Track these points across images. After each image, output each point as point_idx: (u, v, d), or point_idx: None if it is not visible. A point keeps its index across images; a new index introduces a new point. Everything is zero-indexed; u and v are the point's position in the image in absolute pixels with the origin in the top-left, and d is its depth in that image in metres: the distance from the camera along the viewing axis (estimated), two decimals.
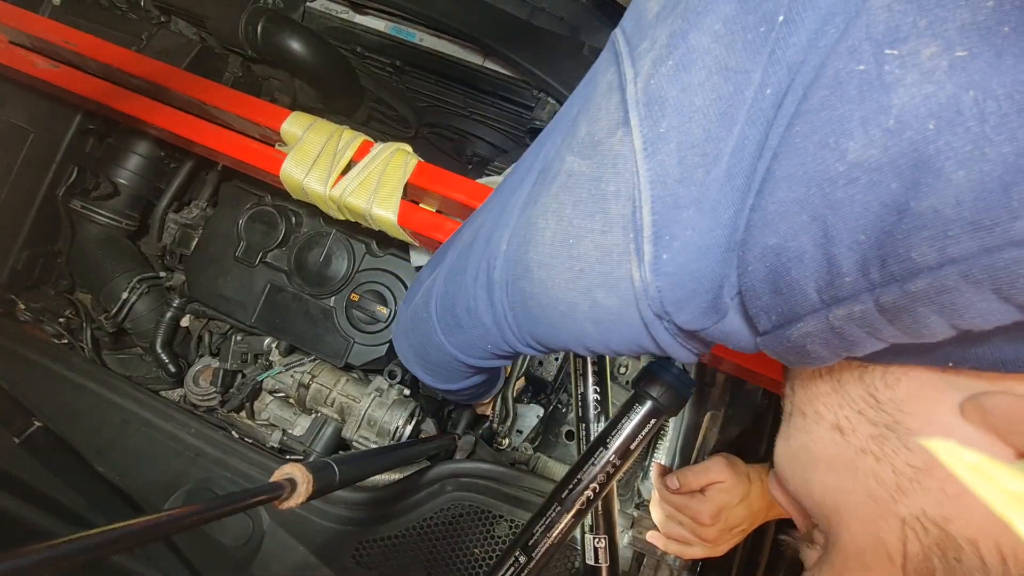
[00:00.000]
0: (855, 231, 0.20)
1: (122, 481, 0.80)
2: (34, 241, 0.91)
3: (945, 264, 0.18)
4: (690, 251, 0.25)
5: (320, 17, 1.04)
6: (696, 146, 0.24)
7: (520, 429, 0.96)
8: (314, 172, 0.73)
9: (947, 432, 0.22)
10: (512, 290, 0.34)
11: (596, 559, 0.62)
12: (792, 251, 0.22)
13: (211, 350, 0.99)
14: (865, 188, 0.19)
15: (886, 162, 0.19)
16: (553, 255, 0.31)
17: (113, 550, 0.29)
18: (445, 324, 0.45)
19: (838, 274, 0.21)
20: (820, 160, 0.20)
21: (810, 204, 0.21)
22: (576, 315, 0.31)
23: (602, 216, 0.28)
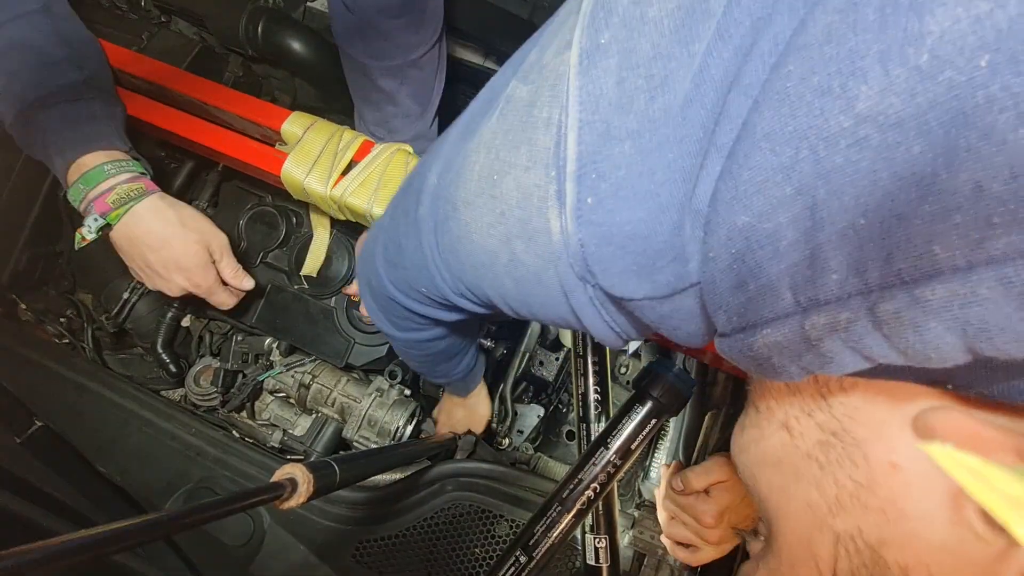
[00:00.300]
0: (853, 212, 0.15)
1: (123, 480, 0.80)
2: (35, 241, 0.91)
3: (980, 265, 0.13)
4: (624, 198, 0.20)
5: (321, 16, 1.04)
6: (640, 65, 0.19)
7: (521, 429, 0.96)
8: (315, 172, 0.73)
9: (893, 448, 0.20)
10: (440, 230, 0.29)
11: (597, 559, 0.62)
12: (766, 235, 0.17)
13: (212, 350, 0.99)
14: (876, 152, 0.14)
15: (911, 114, 0.13)
16: (478, 192, 0.25)
17: (114, 549, 0.29)
18: (386, 260, 0.41)
19: (822, 270, 0.16)
20: (817, 112, 0.15)
21: (797, 172, 0.16)
22: (496, 267, 0.26)
23: (528, 148, 0.23)
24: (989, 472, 0.16)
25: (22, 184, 0.87)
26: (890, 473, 0.20)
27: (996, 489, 0.15)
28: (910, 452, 0.19)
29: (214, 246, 0.74)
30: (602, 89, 0.20)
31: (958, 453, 0.16)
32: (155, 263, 0.70)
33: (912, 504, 0.19)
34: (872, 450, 0.20)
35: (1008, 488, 0.15)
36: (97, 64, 0.71)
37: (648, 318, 0.23)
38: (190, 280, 0.72)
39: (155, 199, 0.69)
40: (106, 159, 0.66)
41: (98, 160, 0.66)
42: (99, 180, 0.66)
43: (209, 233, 0.74)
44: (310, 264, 0.90)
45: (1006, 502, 0.15)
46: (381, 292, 0.43)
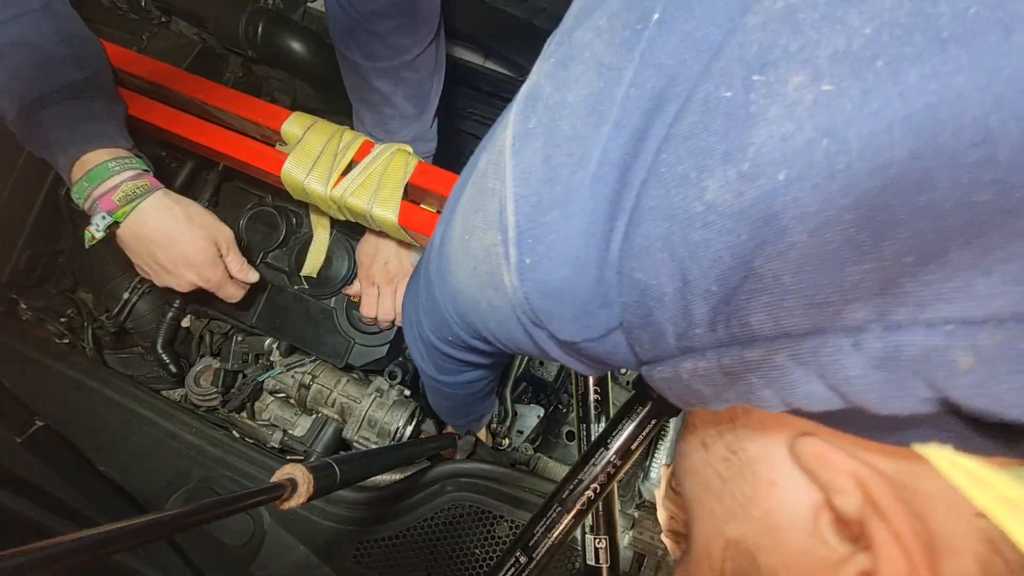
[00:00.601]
0: (709, 280, 0.18)
1: (124, 480, 0.80)
2: (36, 241, 0.91)
3: (779, 337, 0.17)
4: (555, 257, 0.24)
5: (320, 18, 1.04)
6: (563, 144, 0.23)
7: (520, 429, 0.96)
8: (315, 172, 0.73)
9: (774, 467, 0.23)
10: (442, 281, 0.35)
11: (597, 559, 0.62)
12: (654, 290, 0.20)
13: (212, 350, 0.99)
14: (718, 234, 0.18)
15: (738, 210, 0.17)
16: (459, 250, 0.30)
17: (115, 549, 0.29)
18: (423, 309, 0.45)
19: (691, 324, 0.20)
20: (682, 195, 0.19)
21: (671, 242, 0.19)
22: (481, 312, 0.31)
23: (483, 213, 0.27)
24: (986, 475, 0.16)
25: (23, 183, 0.87)
26: (770, 489, 0.23)
27: (993, 492, 0.15)
28: (786, 471, 0.23)
29: (221, 241, 0.75)
30: (532, 166, 0.24)
31: (956, 456, 0.16)
32: (164, 260, 0.71)
33: (783, 516, 0.22)
34: (759, 468, 0.24)
35: (1005, 491, 0.15)
36: (98, 63, 0.71)
37: (595, 356, 0.27)
38: (200, 275, 0.73)
39: (160, 196, 0.70)
40: (110, 156, 0.67)
41: (102, 158, 0.66)
42: (104, 177, 0.66)
43: (215, 228, 0.74)
44: (310, 264, 0.91)
45: (1002, 505, 0.15)
46: (424, 338, 0.48)
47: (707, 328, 0.19)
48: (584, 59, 0.23)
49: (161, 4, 1.00)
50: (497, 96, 1.03)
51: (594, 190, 0.22)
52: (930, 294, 0.15)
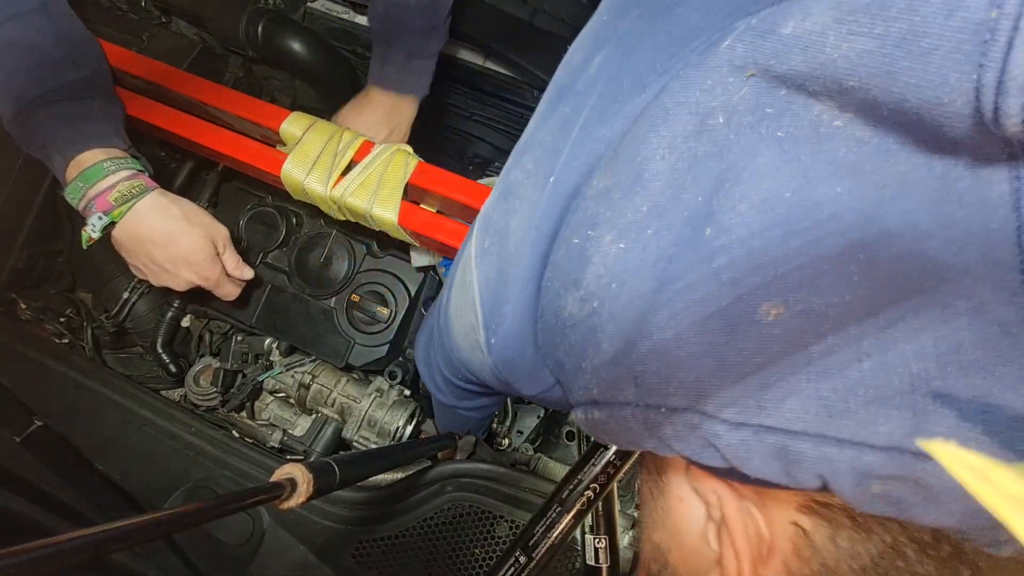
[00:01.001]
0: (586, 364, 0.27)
1: (123, 480, 0.80)
2: (35, 240, 0.91)
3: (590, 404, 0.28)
4: (508, 339, 0.33)
5: (320, 18, 1.04)
6: (509, 258, 0.32)
7: (520, 430, 0.96)
8: (315, 173, 0.73)
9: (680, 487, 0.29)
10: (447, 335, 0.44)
11: (597, 559, 0.62)
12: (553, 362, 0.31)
13: (212, 350, 0.99)
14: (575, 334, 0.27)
15: (579, 321, 0.26)
16: (454, 319, 0.40)
17: (113, 548, 0.29)
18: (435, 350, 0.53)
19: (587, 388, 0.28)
20: (557, 304, 0.28)
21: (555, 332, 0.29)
22: (475, 366, 0.40)
23: (465, 299, 0.36)
24: (991, 471, 0.16)
25: (22, 183, 0.87)
26: (677, 503, 0.29)
27: (996, 487, 0.15)
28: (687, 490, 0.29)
29: (218, 239, 0.75)
30: (488, 275, 0.34)
31: (960, 451, 0.16)
32: (162, 260, 0.70)
33: (684, 524, 0.29)
34: (671, 487, 0.30)
35: (1008, 487, 0.15)
36: (96, 64, 0.71)
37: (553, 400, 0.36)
38: (198, 274, 0.73)
39: (156, 196, 0.69)
40: (105, 156, 0.66)
41: (97, 157, 0.66)
42: (98, 177, 0.65)
43: (212, 227, 0.74)
44: None
45: (1006, 500, 0.15)
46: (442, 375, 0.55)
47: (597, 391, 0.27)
48: (519, 195, 0.32)
49: (161, 4, 1.00)
50: (497, 96, 1.03)
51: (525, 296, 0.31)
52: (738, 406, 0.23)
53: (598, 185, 0.26)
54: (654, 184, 0.23)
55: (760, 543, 0.24)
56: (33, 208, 0.89)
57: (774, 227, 0.20)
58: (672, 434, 0.24)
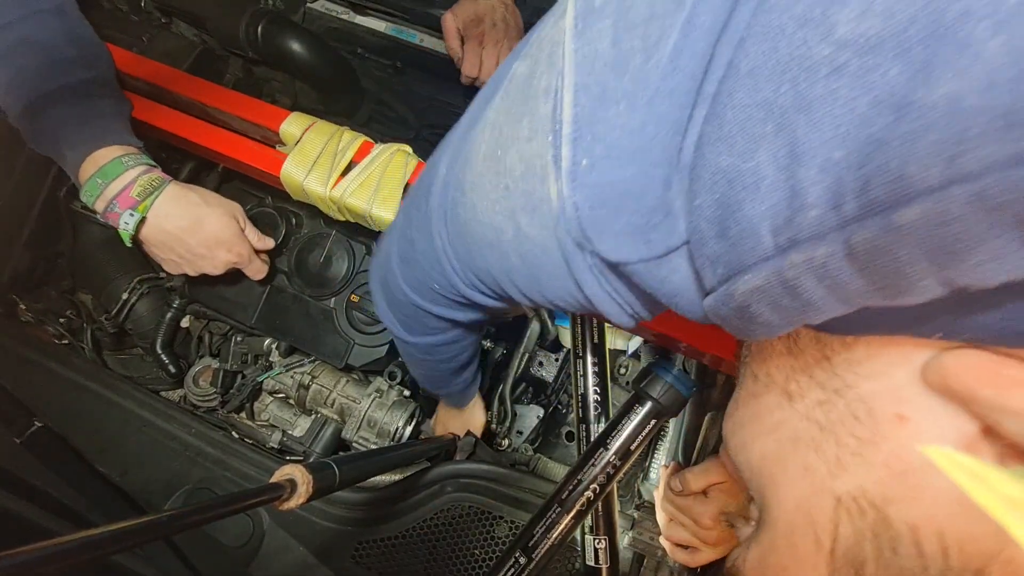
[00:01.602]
0: (831, 145, 0.15)
1: (123, 481, 0.80)
2: (36, 242, 0.91)
3: (955, 182, 0.13)
4: (618, 155, 0.20)
5: (320, 18, 1.05)
6: (637, 25, 0.19)
7: (520, 430, 0.96)
8: (314, 173, 0.73)
9: (900, 399, 0.19)
10: (450, 217, 0.30)
11: (596, 560, 0.62)
12: (747, 175, 0.16)
13: (211, 351, 0.99)
14: (854, 78, 0.14)
15: (890, 35, 0.13)
16: (483, 172, 0.26)
17: (114, 549, 0.29)
18: (401, 258, 0.41)
19: (801, 207, 0.16)
20: (799, 41, 0.15)
21: (778, 107, 0.15)
22: (503, 245, 0.27)
23: (529, 118, 0.23)
24: (988, 474, 0.16)
25: (23, 184, 0.87)
26: (897, 425, 0.19)
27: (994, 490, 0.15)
28: (919, 402, 0.18)
29: (238, 215, 0.78)
30: (597, 50, 0.20)
31: (958, 455, 0.16)
32: (196, 245, 0.72)
33: (920, 457, 0.18)
34: (877, 403, 0.19)
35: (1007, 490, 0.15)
36: (106, 65, 0.73)
37: (648, 285, 0.22)
38: (231, 250, 0.75)
39: (174, 187, 0.71)
40: (121, 153, 0.67)
41: (114, 154, 0.67)
42: (118, 173, 0.66)
43: (229, 204, 0.77)
44: None
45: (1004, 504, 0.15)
46: (396, 293, 0.43)
47: (827, 207, 0.15)
48: None
49: (161, 6, 1.00)
50: None
51: (671, 71, 0.18)
52: None
53: None
54: None
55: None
56: (34, 210, 0.90)
57: None
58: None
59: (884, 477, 0.19)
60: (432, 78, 1.07)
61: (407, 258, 0.39)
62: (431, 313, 0.43)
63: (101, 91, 0.69)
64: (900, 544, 0.18)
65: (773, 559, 0.23)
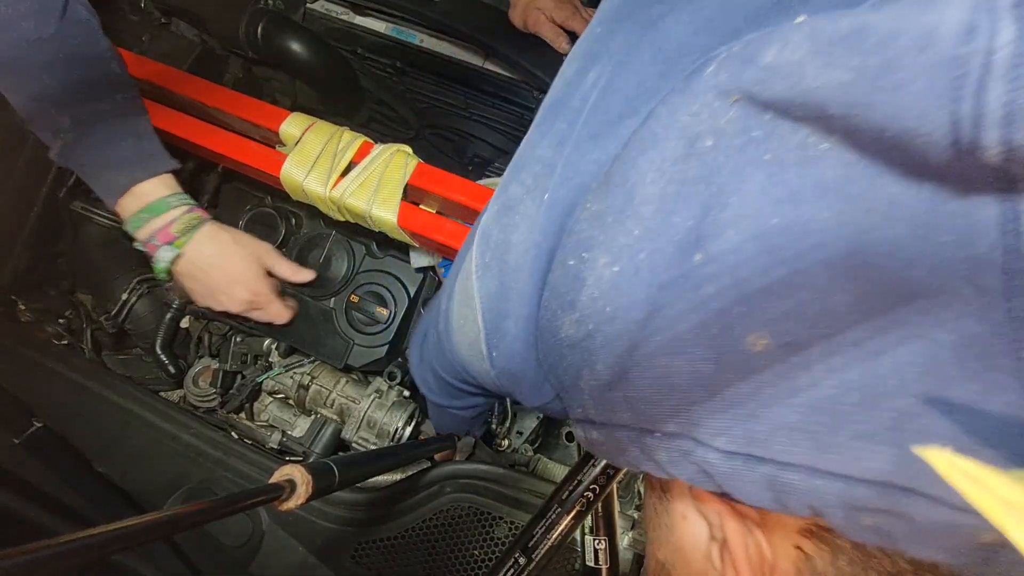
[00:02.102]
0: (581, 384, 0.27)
1: (122, 481, 0.80)
2: (35, 242, 0.91)
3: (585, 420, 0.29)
4: (510, 353, 0.33)
5: (321, 18, 1.05)
6: (510, 274, 0.32)
7: (520, 430, 0.96)
8: (314, 173, 0.73)
9: (684, 504, 0.29)
10: (448, 340, 0.43)
11: (596, 560, 0.62)
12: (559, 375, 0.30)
13: (211, 351, 0.99)
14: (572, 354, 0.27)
15: (576, 343, 0.26)
16: (456, 330, 0.40)
17: (113, 549, 0.29)
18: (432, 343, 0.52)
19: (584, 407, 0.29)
20: (553, 324, 0.28)
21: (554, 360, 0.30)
22: (477, 372, 0.40)
23: (467, 312, 0.36)
24: (987, 478, 0.16)
25: (22, 185, 0.87)
26: (682, 521, 0.29)
27: (993, 494, 0.15)
28: (693, 508, 0.29)
29: (264, 257, 0.81)
30: (490, 290, 0.33)
31: (956, 458, 0.16)
32: (220, 281, 0.77)
33: (688, 542, 0.29)
34: (675, 506, 0.30)
35: (1005, 493, 0.15)
36: (135, 82, 0.74)
37: (557, 411, 0.35)
38: (249, 288, 0.79)
39: (210, 226, 0.75)
40: (168, 192, 0.71)
41: (160, 192, 0.70)
42: (162, 211, 0.70)
43: (257, 246, 0.80)
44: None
45: (1003, 507, 0.15)
46: (435, 373, 0.54)
47: (594, 412, 0.27)
48: (519, 210, 0.31)
49: (161, 5, 1.00)
50: (497, 97, 1.04)
51: (527, 312, 0.31)
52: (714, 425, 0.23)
53: (591, 207, 0.26)
54: (645, 208, 0.23)
55: (762, 564, 0.25)
56: (33, 210, 0.90)
57: (760, 255, 0.20)
58: (667, 459, 0.24)
59: (674, 551, 0.30)
60: (432, 78, 1.07)
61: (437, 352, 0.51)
62: (461, 389, 0.54)
63: (139, 109, 0.71)
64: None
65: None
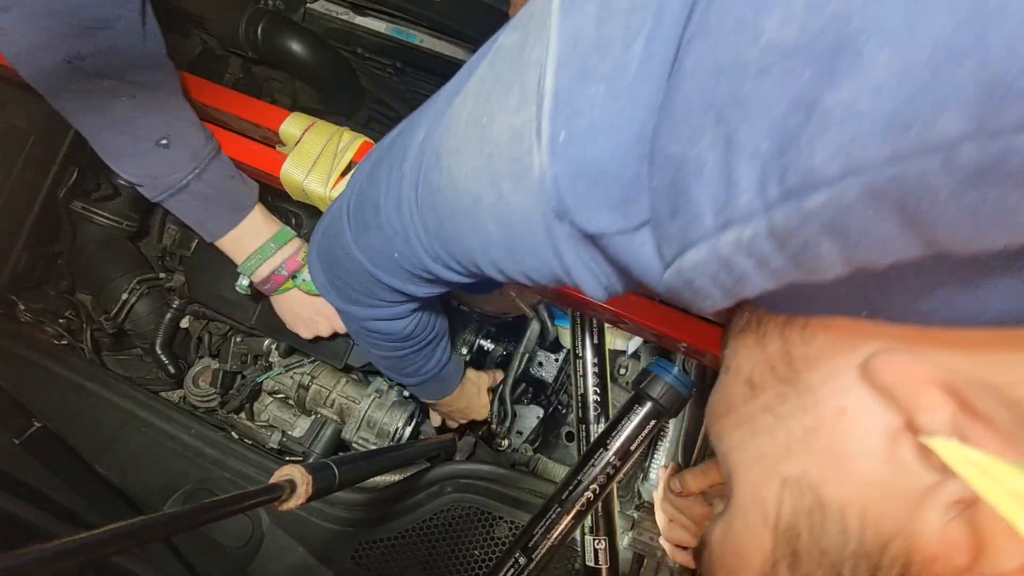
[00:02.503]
0: (759, 135, 0.17)
1: (122, 482, 0.80)
2: (35, 242, 0.91)
3: (849, 174, 0.15)
4: (596, 132, 0.21)
5: (320, 18, 1.04)
6: (620, 13, 0.20)
7: (520, 430, 0.96)
8: (314, 173, 0.73)
9: (841, 392, 0.21)
10: (422, 183, 0.30)
11: (596, 560, 0.62)
12: (692, 161, 0.18)
13: (211, 351, 0.99)
14: (776, 78, 0.16)
15: (803, 43, 0.15)
16: (465, 138, 0.26)
17: (113, 550, 0.29)
18: (358, 221, 0.39)
19: (735, 191, 0.17)
20: (733, 43, 0.17)
21: (716, 101, 0.17)
22: (480, 211, 0.27)
23: (519, 88, 0.23)
24: (994, 467, 0.16)
25: (22, 184, 0.87)
26: (837, 417, 0.21)
27: (1000, 484, 0.15)
28: (856, 395, 0.20)
29: None
30: (583, 29, 0.21)
31: (964, 449, 0.16)
32: (313, 313, 0.78)
33: (852, 444, 0.20)
34: (823, 395, 0.22)
35: (1012, 483, 0.15)
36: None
37: (621, 258, 0.23)
38: (332, 326, 0.79)
39: None
40: (276, 228, 0.74)
41: (272, 229, 0.73)
42: (287, 240, 0.73)
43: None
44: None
45: (1010, 497, 0.15)
46: (344, 258, 0.41)
47: (755, 192, 0.17)
48: None
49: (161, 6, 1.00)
50: None
51: (644, 65, 0.20)
52: None
53: None
54: None
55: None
56: (33, 210, 0.89)
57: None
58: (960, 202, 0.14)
59: (821, 463, 0.21)
60: (432, 78, 1.07)
61: (366, 222, 0.37)
62: (386, 284, 0.41)
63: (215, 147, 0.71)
64: (829, 521, 0.21)
65: (732, 534, 0.26)
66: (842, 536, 0.20)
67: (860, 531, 0.20)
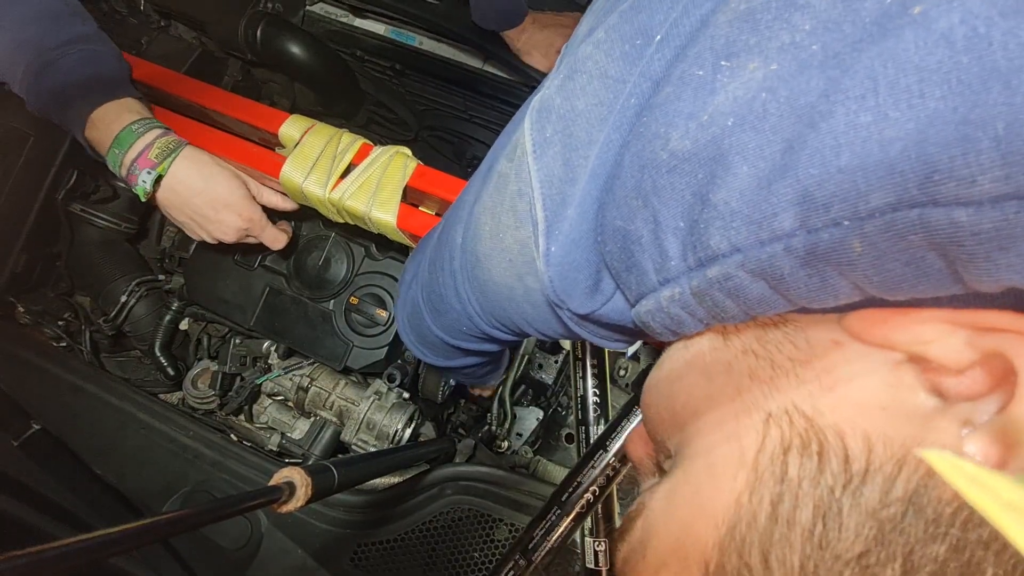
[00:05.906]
0: (676, 217, 0.22)
1: (120, 483, 0.80)
2: (33, 244, 0.91)
3: (732, 253, 0.20)
4: (573, 243, 0.28)
5: (320, 21, 1.05)
6: (579, 148, 0.27)
7: (520, 432, 0.96)
8: (313, 175, 0.73)
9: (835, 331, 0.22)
10: (470, 277, 0.39)
11: (596, 562, 0.62)
12: (633, 232, 0.24)
13: (210, 353, 0.99)
14: (680, 176, 0.21)
15: (694, 153, 0.21)
16: (491, 248, 0.34)
17: (111, 552, 0.29)
18: (430, 309, 0.49)
19: (667, 256, 0.23)
20: (652, 147, 0.22)
21: (642, 189, 0.23)
22: (516, 298, 0.35)
23: (513, 213, 0.31)
24: (988, 479, 0.16)
25: (20, 186, 0.87)
26: (832, 348, 0.22)
27: (995, 496, 0.15)
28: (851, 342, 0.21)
29: (248, 180, 0.77)
30: (553, 171, 0.28)
31: (957, 460, 0.16)
32: (203, 205, 0.73)
33: (849, 369, 0.21)
34: (814, 333, 0.22)
35: (1007, 494, 0.15)
36: (95, 22, 0.73)
37: (611, 320, 0.30)
38: (241, 215, 0.75)
39: (189, 149, 0.72)
40: (131, 118, 0.68)
41: (123, 120, 0.67)
42: (131, 141, 0.67)
43: (239, 169, 0.77)
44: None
45: (1005, 509, 0.15)
46: (428, 335, 0.52)
47: (679, 259, 0.22)
48: (588, 70, 0.27)
49: (160, 8, 1.00)
50: (496, 99, 1.04)
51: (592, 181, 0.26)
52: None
53: (737, 7, 0.21)
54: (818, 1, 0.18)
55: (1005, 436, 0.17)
56: (32, 211, 0.89)
57: None
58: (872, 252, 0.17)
59: (815, 390, 0.21)
60: (431, 81, 1.07)
61: (436, 309, 0.47)
62: (462, 348, 0.52)
63: (103, 42, 0.70)
64: (826, 446, 0.20)
65: (684, 488, 0.24)
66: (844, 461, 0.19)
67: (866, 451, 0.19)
